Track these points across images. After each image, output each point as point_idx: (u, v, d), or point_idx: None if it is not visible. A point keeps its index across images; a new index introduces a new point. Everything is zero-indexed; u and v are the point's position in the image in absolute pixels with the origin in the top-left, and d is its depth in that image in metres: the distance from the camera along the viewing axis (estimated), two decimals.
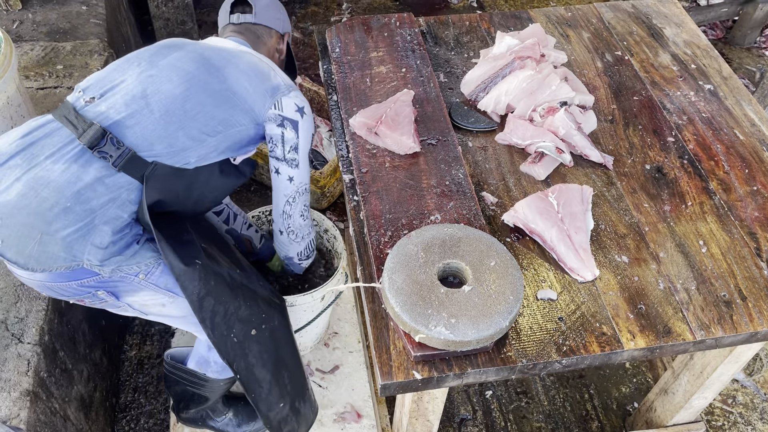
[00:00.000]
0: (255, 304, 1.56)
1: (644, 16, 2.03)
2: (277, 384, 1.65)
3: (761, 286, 1.38)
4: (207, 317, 1.46)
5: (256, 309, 1.56)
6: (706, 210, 1.51)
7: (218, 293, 1.46)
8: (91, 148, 1.30)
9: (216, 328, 1.48)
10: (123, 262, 1.35)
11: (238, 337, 1.52)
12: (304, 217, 1.62)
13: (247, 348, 1.55)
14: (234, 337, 1.52)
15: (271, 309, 1.60)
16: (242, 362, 1.55)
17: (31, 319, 1.66)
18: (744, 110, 1.75)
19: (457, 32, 1.94)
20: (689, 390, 1.81)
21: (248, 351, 1.55)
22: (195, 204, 1.50)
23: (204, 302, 1.44)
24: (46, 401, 1.62)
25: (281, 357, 1.65)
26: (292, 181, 1.52)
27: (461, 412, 2.20)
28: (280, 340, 1.64)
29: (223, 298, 1.48)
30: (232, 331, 1.51)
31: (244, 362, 1.56)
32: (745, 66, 3.55)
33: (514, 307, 1.21)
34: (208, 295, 1.44)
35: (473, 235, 1.31)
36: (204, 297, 1.44)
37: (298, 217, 1.61)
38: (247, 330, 1.54)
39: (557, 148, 1.55)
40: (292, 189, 1.54)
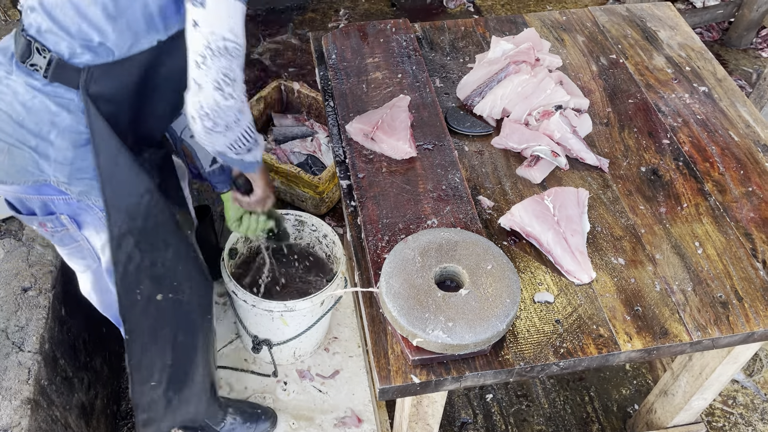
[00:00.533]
0: (174, 268, 1.45)
1: (638, 19, 2.04)
2: (159, 361, 1.57)
3: (757, 286, 1.39)
4: (121, 260, 1.37)
5: (173, 273, 1.46)
6: (702, 211, 1.52)
7: (142, 236, 1.37)
8: (23, 62, 1.24)
9: (126, 276, 1.40)
10: (94, 188, 1.31)
11: (142, 295, 1.44)
12: (223, 93, 1.16)
13: (146, 310, 1.46)
14: (138, 294, 1.44)
15: (188, 282, 1.50)
16: (134, 322, 1.47)
17: (31, 328, 1.66)
18: (739, 112, 1.76)
19: (453, 37, 1.95)
20: (689, 391, 1.81)
21: (145, 313, 1.47)
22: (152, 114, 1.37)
23: (123, 241, 1.35)
24: (47, 409, 1.62)
25: (175, 336, 1.55)
26: (197, 27, 1.13)
27: (462, 415, 2.21)
28: (182, 319, 1.55)
29: (143, 245, 1.38)
30: (139, 287, 1.43)
31: (136, 323, 1.47)
32: (741, 67, 3.56)
33: (511, 310, 1.22)
34: (129, 234, 1.34)
35: (470, 239, 1.32)
36: (125, 234, 1.34)
37: (212, 90, 1.16)
38: (153, 291, 1.45)
39: (553, 152, 1.56)
40: (200, 42, 1.13)
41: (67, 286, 1.86)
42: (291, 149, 2.81)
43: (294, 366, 2.25)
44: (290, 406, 2.15)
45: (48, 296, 1.73)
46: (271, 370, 2.20)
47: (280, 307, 1.96)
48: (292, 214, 2.21)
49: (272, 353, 2.13)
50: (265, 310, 1.97)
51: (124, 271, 1.40)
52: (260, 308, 1.96)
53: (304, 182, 2.57)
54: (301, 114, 2.98)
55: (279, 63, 3.45)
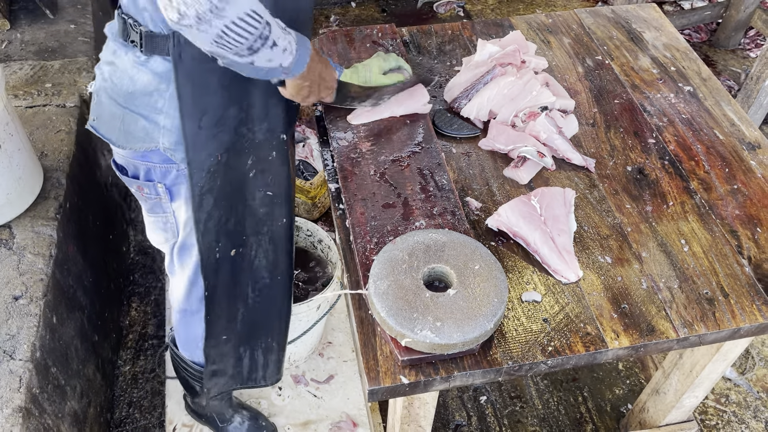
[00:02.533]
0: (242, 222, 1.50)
1: (624, 21, 2.06)
2: (232, 318, 1.63)
3: (743, 283, 1.40)
4: (202, 219, 1.43)
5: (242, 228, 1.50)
6: (688, 209, 1.53)
7: (220, 194, 1.42)
8: (125, 40, 1.29)
9: (206, 233, 1.45)
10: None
11: (221, 252, 1.50)
12: None
13: (222, 267, 1.52)
14: (218, 252, 1.49)
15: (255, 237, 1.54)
16: (213, 279, 1.53)
17: (22, 336, 1.66)
18: (723, 110, 1.78)
19: (440, 41, 1.97)
20: (680, 389, 1.82)
21: (221, 270, 1.53)
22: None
23: (204, 200, 1.41)
24: (38, 417, 1.62)
25: (246, 295, 1.61)
26: None
27: (456, 418, 2.21)
28: (251, 277, 1.59)
29: (221, 203, 1.44)
30: (218, 244, 1.48)
31: (215, 280, 1.53)
32: (730, 68, 3.59)
33: (498, 310, 1.22)
34: (209, 193, 1.40)
35: (458, 240, 1.33)
36: (205, 194, 1.40)
37: None
38: (228, 247, 1.50)
39: (539, 153, 1.57)
40: None
41: (59, 294, 1.86)
42: None
43: (288, 371, 2.25)
44: (285, 411, 2.16)
45: (39, 304, 1.73)
46: None
47: None
48: None
49: None
50: None
51: (205, 228, 1.45)
52: None
53: (296, 187, 2.58)
54: None
55: None
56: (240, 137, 1.39)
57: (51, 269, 1.82)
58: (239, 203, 1.48)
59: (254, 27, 1.08)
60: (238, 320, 1.66)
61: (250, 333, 1.71)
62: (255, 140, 1.42)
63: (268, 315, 1.71)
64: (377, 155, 1.59)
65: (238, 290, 1.61)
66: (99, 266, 2.25)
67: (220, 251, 1.51)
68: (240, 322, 1.67)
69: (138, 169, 1.44)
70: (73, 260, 2.01)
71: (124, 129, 1.36)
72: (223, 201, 1.45)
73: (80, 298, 2.03)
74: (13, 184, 1.83)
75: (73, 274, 2.00)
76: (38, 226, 1.90)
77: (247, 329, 1.70)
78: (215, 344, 1.67)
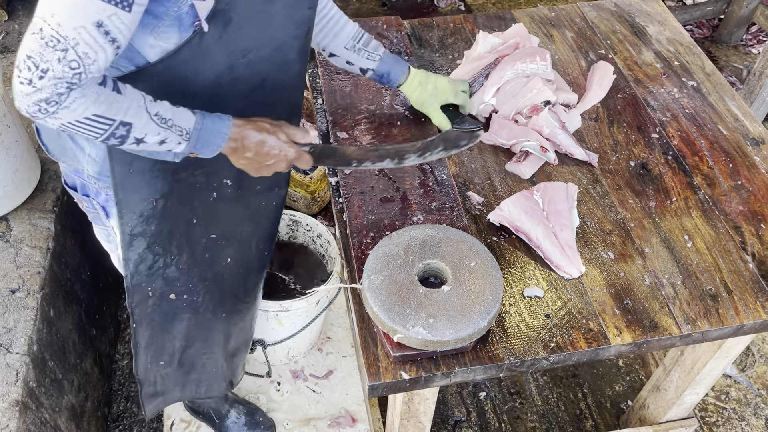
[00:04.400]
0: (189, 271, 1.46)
1: (627, 14, 2.04)
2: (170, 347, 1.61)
3: (747, 279, 1.38)
4: (132, 259, 1.37)
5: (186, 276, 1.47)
6: (691, 205, 1.52)
7: (154, 239, 1.37)
8: None
9: (136, 274, 1.41)
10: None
11: (154, 292, 1.46)
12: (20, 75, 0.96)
13: (158, 305, 1.49)
14: (150, 291, 1.45)
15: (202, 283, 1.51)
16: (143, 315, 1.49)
17: (19, 329, 1.65)
18: (727, 105, 1.76)
19: (442, 34, 1.95)
20: (681, 386, 1.81)
21: (157, 308, 1.49)
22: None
23: (134, 242, 1.35)
24: (35, 411, 1.61)
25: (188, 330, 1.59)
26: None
27: (455, 413, 2.20)
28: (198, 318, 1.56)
29: (156, 248, 1.38)
30: (151, 285, 1.44)
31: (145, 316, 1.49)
32: (732, 64, 3.57)
33: (493, 307, 1.21)
34: (141, 236, 1.35)
35: (454, 236, 1.31)
36: (136, 236, 1.34)
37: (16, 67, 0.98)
38: (166, 290, 1.47)
39: (542, 147, 1.55)
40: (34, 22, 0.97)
41: (56, 287, 1.85)
42: None
43: (287, 366, 2.24)
44: (284, 407, 2.14)
45: (36, 297, 1.72)
46: (264, 370, 2.19)
47: (276, 307, 1.95)
48: (286, 214, 2.20)
49: (266, 354, 2.12)
50: (261, 310, 1.96)
51: (135, 270, 1.40)
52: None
53: (295, 182, 2.56)
54: None
55: None
56: (179, 183, 1.32)
57: (48, 262, 1.81)
58: (182, 250, 1.43)
59: (100, 128, 1.05)
60: (174, 352, 1.63)
61: (186, 363, 1.69)
62: (197, 185, 1.34)
63: (209, 346, 1.68)
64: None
65: (176, 329, 1.57)
66: (97, 259, 2.23)
67: (154, 292, 1.46)
68: (175, 355, 1.64)
69: (75, 181, 1.39)
70: (70, 253, 1.99)
71: (60, 142, 1.31)
72: (158, 247, 1.39)
73: (78, 292, 2.01)
74: (10, 176, 1.81)
75: (71, 267, 1.98)
76: (35, 218, 1.88)
77: (185, 361, 1.68)
78: (148, 369, 1.64)
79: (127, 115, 1.05)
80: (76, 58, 0.95)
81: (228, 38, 1.13)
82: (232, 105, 1.22)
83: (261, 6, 1.14)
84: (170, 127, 1.10)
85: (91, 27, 0.95)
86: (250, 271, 1.63)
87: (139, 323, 1.51)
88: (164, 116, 1.09)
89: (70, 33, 0.94)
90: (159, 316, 1.52)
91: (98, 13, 0.95)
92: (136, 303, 1.46)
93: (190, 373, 1.73)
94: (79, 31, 0.94)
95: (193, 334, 1.62)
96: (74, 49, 0.95)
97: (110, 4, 0.95)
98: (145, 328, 1.53)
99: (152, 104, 1.08)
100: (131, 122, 1.06)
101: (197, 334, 1.63)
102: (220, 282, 1.56)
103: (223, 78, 1.19)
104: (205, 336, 1.66)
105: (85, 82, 0.98)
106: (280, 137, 1.21)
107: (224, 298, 1.60)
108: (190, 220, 1.41)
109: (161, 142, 1.11)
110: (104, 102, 1.02)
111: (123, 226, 1.33)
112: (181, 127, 1.12)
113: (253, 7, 1.13)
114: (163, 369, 1.66)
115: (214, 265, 1.52)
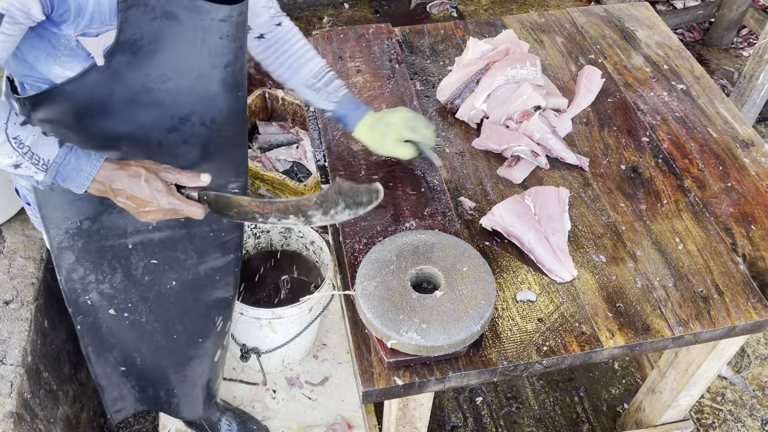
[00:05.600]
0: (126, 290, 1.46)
1: (616, 19, 2.06)
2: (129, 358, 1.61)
3: (738, 280, 1.39)
4: (63, 266, 1.39)
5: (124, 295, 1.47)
6: (682, 207, 1.53)
7: (82, 255, 1.38)
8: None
9: (69, 281, 1.42)
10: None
11: (93, 303, 1.47)
12: None
13: (99, 316, 1.49)
14: (89, 300, 1.46)
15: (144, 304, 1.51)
16: (84, 322, 1.50)
17: (13, 341, 1.65)
18: (717, 108, 1.77)
19: (433, 41, 1.96)
20: (676, 388, 1.81)
21: (100, 319, 1.50)
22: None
23: (62, 254, 1.36)
24: (30, 423, 1.61)
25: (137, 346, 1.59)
26: None
27: (452, 419, 2.20)
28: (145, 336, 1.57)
29: (85, 263, 1.40)
30: (87, 296, 1.46)
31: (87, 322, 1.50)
32: (723, 67, 3.59)
33: (485, 312, 1.21)
34: (68, 250, 1.36)
35: (446, 241, 1.32)
36: (64, 249, 1.36)
37: None
38: (104, 305, 1.48)
39: (532, 152, 1.56)
40: None
41: (50, 298, 1.84)
42: (276, 157, 2.81)
43: (283, 374, 2.24)
44: (280, 414, 2.14)
45: (30, 309, 1.72)
46: (259, 378, 2.19)
47: (268, 315, 1.95)
48: None
49: (261, 361, 2.12)
50: (253, 318, 1.96)
51: (68, 276, 1.43)
52: (248, 316, 1.95)
53: (289, 189, 2.57)
54: (285, 122, 2.98)
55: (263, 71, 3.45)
56: (108, 207, 1.32)
57: (42, 273, 1.81)
58: (114, 271, 1.42)
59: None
60: (133, 364, 1.64)
61: (149, 377, 1.70)
62: (124, 211, 1.30)
63: (164, 368, 1.69)
64: (369, 155, 1.58)
65: (127, 343, 1.58)
66: None
67: (93, 303, 1.48)
68: (135, 366, 1.65)
69: (18, 187, 1.41)
70: None
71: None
72: (87, 263, 1.40)
73: None
74: (3, 187, 1.81)
75: None
76: (29, 229, 1.88)
77: (148, 375, 1.69)
78: (104, 374, 1.66)
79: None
80: None
81: (140, 63, 1.13)
82: (157, 138, 1.24)
83: (168, 32, 1.13)
84: (25, 153, 1.08)
85: None
86: (203, 296, 1.60)
87: (82, 329, 1.53)
88: (23, 141, 1.07)
89: None
90: (106, 327, 1.53)
91: None
92: (75, 309, 1.48)
93: (158, 388, 1.73)
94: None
95: (145, 351, 1.62)
96: None
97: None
98: (92, 336, 1.55)
99: (14, 127, 1.07)
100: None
101: (152, 353, 1.63)
102: (166, 304, 1.54)
103: (140, 98, 1.17)
104: (162, 356, 1.65)
105: None
106: (154, 185, 1.13)
107: (174, 320, 1.59)
108: (123, 244, 1.40)
109: (15, 166, 1.10)
110: None
111: (50, 239, 1.36)
112: (39, 157, 1.09)
113: (162, 33, 1.12)
114: (125, 377, 1.67)
115: (155, 287, 1.50)
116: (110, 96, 1.16)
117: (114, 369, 1.64)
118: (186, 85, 1.21)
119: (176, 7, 1.11)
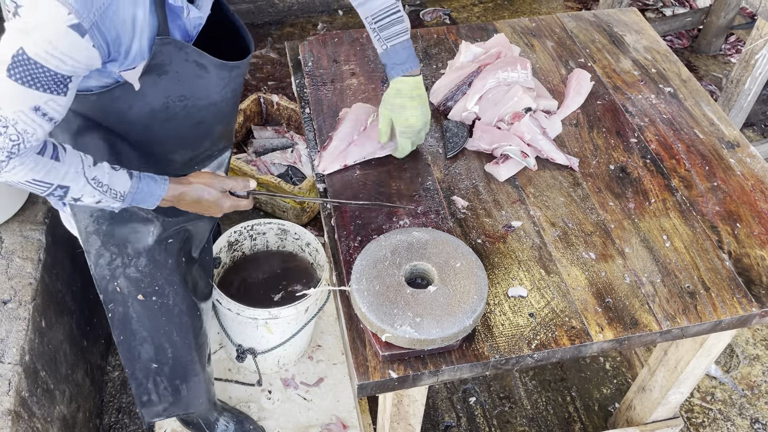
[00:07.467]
0: (152, 274, 1.53)
1: (605, 24, 2.10)
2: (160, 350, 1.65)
3: (723, 276, 1.43)
4: (91, 251, 1.47)
5: (151, 279, 1.53)
6: (669, 206, 1.56)
7: (108, 239, 1.46)
8: None
9: (98, 267, 1.50)
10: None
11: (121, 290, 1.53)
12: None
13: (129, 303, 1.55)
14: (117, 287, 1.52)
15: (171, 287, 1.57)
16: (116, 311, 1.56)
17: (11, 340, 1.66)
18: (703, 110, 1.82)
19: (426, 45, 2.00)
20: (665, 386, 1.84)
21: (130, 307, 1.56)
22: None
23: (89, 238, 1.45)
24: (27, 421, 1.62)
25: (169, 333, 1.64)
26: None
27: (446, 419, 2.22)
28: (174, 320, 1.62)
29: (111, 248, 1.47)
30: (115, 282, 1.52)
31: (119, 311, 1.56)
32: (711, 73, 3.65)
33: (478, 306, 1.24)
34: (95, 234, 1.44)
35: (440, 238, 1.35)
36: (91, 234, 1.44)
37: None
38: (132, 290, 1.54)
39: (522, 152, 1.60)
40: None
41: (47, 298, 1.86)
42: (271, 161, 2.84)
43: (278, 374, 2.25)
44: (275, 415, 2.16)
45: (28, 308, 1.73)
46: (255, 379, 2.20)
47: (265, 315, 1.97)
48: (275, 223, 2.23)
49: (257, 362, 2.14)
50: (250, 318, 1.98)
51: (96, 262, 1.50)
52: (245, 316, 1.97)
53: (285, 192, 2.59)
54: (280, 126, 3.01)
55: (258, 77, 3.49)
56: None
57: (40, 273, 1.83)
58: (139, 255, 1.51)
59: (40, 189, 1.19)
60: (161, 359, 1.68)
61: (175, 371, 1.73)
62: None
63: (191, 352, 1.73)
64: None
65: (153, 332, 1.62)
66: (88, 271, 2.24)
67: (122, 290, 1.54)
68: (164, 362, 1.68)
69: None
70: (61, 264, 2.01)
71: None
72: (113, 246, 1.48)
73: (69, 303, 2.03)
74: (1, 188, 1.83)
75: (62, 279, 2.00)
76: (27, 230, 1.90)
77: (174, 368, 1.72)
78: (132, 374, 1.68)
79: (64, 180, 1.19)
80: (16, 132, 1.08)
81: (165, 85, 1.26)
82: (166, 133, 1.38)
83: (197, 72, 1.28)
84: (106, 191, 1.25)
85: (28, 111, 1.07)
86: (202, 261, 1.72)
87: (113, 318, 1.58)
88: (101, 180, 1.23)
89: (9, 114, 1.06)
90: (136, 318, 1.58)
91: (35, 99, 1.06)
92: (105, 296, 1.54)
93: (186, 380, 1.75)
94: (18, 114, 1.06)
95: (176, 338, 1.66)
96: (14, 126, 1.07)
97: (46, 93, 1.06)
98: (122, 328, 1.59)
99: (90, 169, 1.21)
100: (68, 185, 1.20)
101: (181, 338, 1.66)
102: (188, 283, 1.64)
103: (157, 114, 1.32)
104: (189, 339, 1.68)
105: (23, 152, 1.10)
106: (213, 193, 1.38)
107: (191, 296, 1.66)
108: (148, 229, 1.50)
109: (97, 202, 1.26)
110: (42, 169, 1.15)
111: (78, 223, 1.44)
112: (116, 191, 1.26)
113: (190, 70, 1.27)
114: (157, 375, 1.69)
115: (179, 268, 1.59)
116: (130, 108, 1.28)
117: (146, 367, 1.67)
118: (203, 104, 1.37)
119: (207, 62, 1.27)
